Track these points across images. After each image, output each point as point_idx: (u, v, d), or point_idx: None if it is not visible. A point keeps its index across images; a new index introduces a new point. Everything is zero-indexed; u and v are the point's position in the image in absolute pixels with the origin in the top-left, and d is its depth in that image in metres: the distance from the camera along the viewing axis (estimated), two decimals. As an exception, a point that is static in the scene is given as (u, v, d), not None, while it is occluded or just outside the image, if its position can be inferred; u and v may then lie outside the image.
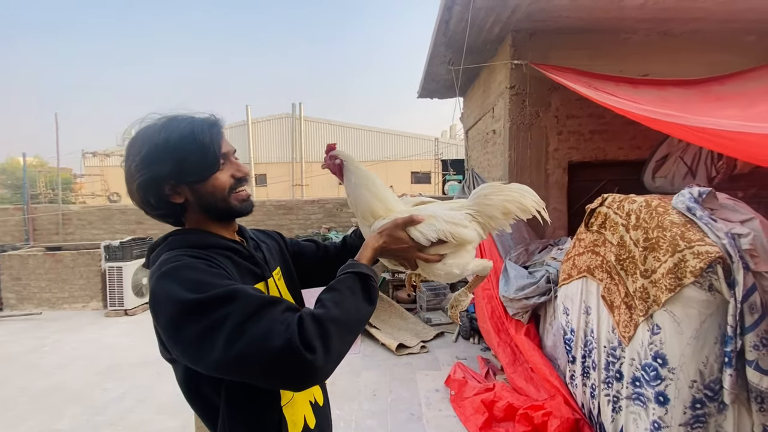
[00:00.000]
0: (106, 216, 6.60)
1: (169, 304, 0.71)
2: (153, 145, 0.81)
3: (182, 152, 0.82)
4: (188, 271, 0.74)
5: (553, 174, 4.09)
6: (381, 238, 0.92)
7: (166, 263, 0.77)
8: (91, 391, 3.31)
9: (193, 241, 0.85)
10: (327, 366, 0.70)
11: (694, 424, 1.70)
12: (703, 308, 1.68)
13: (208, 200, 0.86)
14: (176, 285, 0.71)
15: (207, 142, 0.83)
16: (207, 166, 0.84)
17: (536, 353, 2.82)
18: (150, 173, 0.81)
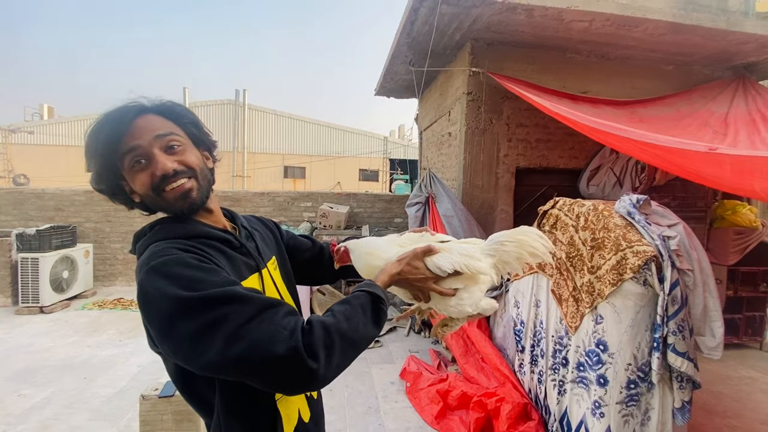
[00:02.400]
0: (17, 200, 5.76)
1: (161, 302, 0.68)
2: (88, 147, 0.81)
3: (94, 160, 0.81)
4: (180, 267, 0.71)
5: (503, 177, 4.36)
6: (399, 265, 0.92)
7: (156, 257, 0.73)
8: (6, 397, 2.89)
9: (181, 231, 0.81)
10: (326, 376, 0.70)
11: (628, 402, 1.95)
12: (638, 300, 1.93)
13: (149, 201, 0.83)
14: (168, 282, 0.69)
15: (104, 152, 0.80)
16: (114, 177, 0.82)
17: (487, 344, 3.01)
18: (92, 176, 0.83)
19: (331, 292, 5.17)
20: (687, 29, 3.57)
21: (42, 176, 15.35)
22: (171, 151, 0.82)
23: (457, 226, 3.93)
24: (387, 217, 6.55)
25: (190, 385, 0.82)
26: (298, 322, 0.71)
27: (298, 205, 6.42)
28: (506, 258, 1.01)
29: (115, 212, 6.02)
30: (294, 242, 1.18)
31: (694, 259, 1.97)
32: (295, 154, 19.96)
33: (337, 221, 5.91)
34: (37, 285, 4.75)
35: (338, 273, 1.19)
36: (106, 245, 6.00)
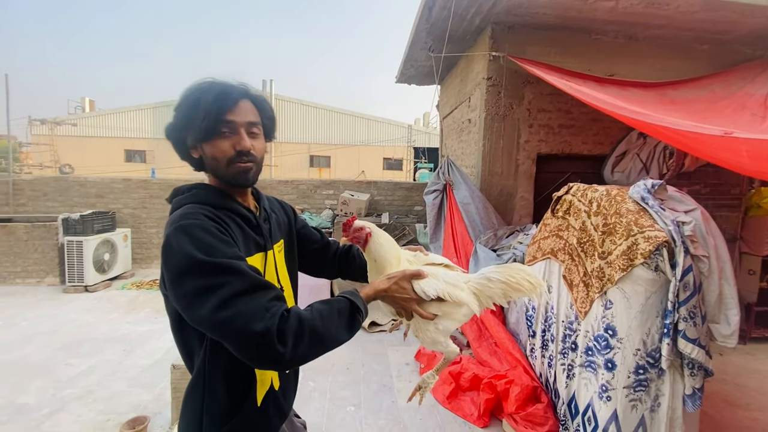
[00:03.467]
0: (63, 187, 6.21)
1: (179, 256, 0.78)
2: (178, 101, 0.93)
3: (189, 112, 0.91)
4: (202, 232, 0.82)
5: (523, 164, 4.30)
6: (388, 283, 0.98)
7: (186, 218, 0.84)
8: (55, 366, 3.21)
9: (213, 200, 0.93)
10: (290, 362, 0.78)
11: (636, 387, 1.95)
12: (649, 286, 1.91)
13: (212, 164, 0.94)
14: (189, 242, 0.79)
15: (206, 108, 0.89)
16: (202, 130, 0.90)
17: (500, 329, 3.04)
18: (173, 122, 0.93)
19: (351, 277, 5.31)
20: (722, 5, 3.36)
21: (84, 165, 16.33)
22: (251, 136, 0.95)
23: (474, 213, 3.94)
24: (407, 205, 6.59)
25: (183, 332, 0.93)
26: (280, 308, 0.80)
27: (320, 193, 6.57)
28: (491, 294, 1.07)
29: (150, 199, 6.38)
30: (305, 231, 1.27)
31: (711, 245, 1.93)
32: (321, 144, 20.21)
33: (358, 208, 6.01)
34: (82, 266, 5.14)
35: (337, 272, 1.30)
36: (143, 230, 6.38)
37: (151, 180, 6.46)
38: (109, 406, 2.68)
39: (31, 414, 2.58)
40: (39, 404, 2.69)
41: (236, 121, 0.92)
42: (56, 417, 2.56)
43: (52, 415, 2.57)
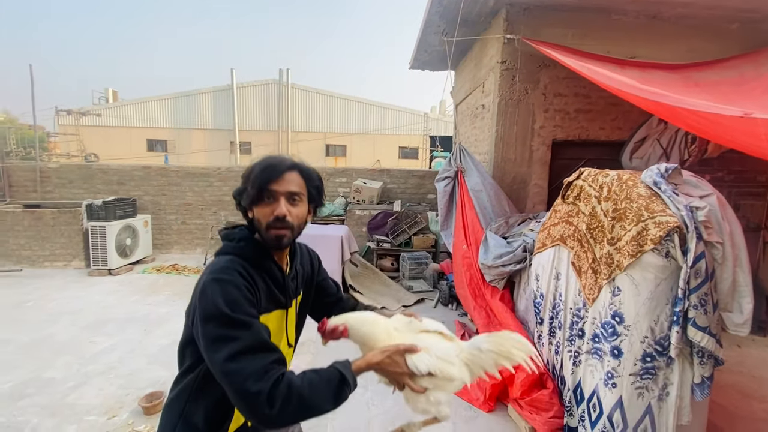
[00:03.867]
0: (86, 175, 6.45)
1: (210, 303, 0.93)
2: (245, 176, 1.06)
3: (244, 180, 1.06)
4: (233, 288, 0.96)
5: (537, 151, 4.22)
6: (381, 356, 1.03)
7: (224, 272, 0.98)
8: (80, 344, 3.38)
9: (252, 258, 1.06)
10: (275, 422, 0.88)
11: (643, 375, 1.92)
12: (659, 273, 1.87)
13: (257, 225, 1.07)
14: (221, 294, 0.94)
15: (254, 178, 1.04)
16: (250, 196, 1.05)
17: (509, 316, 3.03)
18: (237, 190, 1.08)
19: (363, 264, 5.36)
20: (753, -20, 3.17)
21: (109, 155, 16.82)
22: (291, 203, 1.06)
23: (485, 201, 3.90)
24: (420, 193, 6.57)
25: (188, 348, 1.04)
26: (277, 372, 0.91)
27: (334, 181, 6.61)
28: (483, 364, 1.10)
29: (168, 186, 6.55)
30: (324, 284, 1.35)
31: (726, 231, 1.86)
32: (336, 133, 20.22)
33: (370, 196, 6.03)
34: (105, 250, 5.36)
35: None
36: (162, 216, 6.57)
37: (170, 168, 6.63)
38: (129, 382, 2.81)
39: (58, 387, 2.74)
40: (65, 378, 2.85)
41: (277, 191, 1.04)
42: (80, 390, 2.71)
43: (77, 389, 2.73)
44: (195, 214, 6.62)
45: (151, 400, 2.49)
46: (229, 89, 19.06)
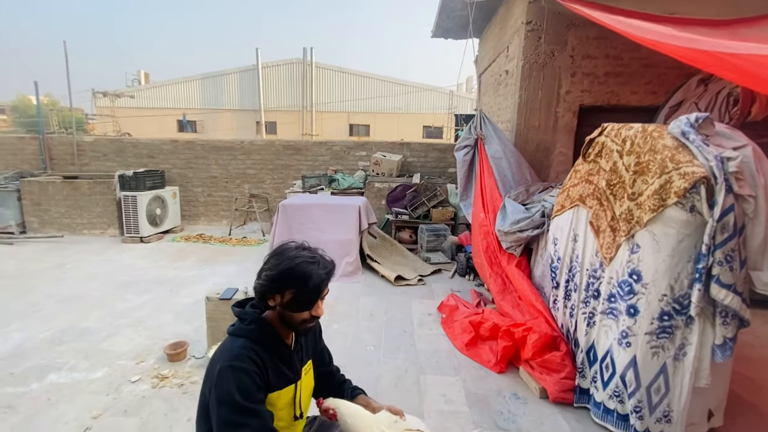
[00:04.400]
0: (118, 149, 6.74)
1: (224, 390, 1.05)
2: (287, 273, 1.12)
3: (298, 291, 1.13)
4: (246, 377, 1.08)
5: (563, 117, 4.04)
6: None
7: (239, 360, 1.09)
8: (113, 300, 3.61)
9: (264, 342, 1.17)
10: None
11: (659, 334, 1.85)
12: (682, 228, 1.77)
13: (287, 318, 1.18)
14: (234, 383, 1.06)
15: (318, 293, 1.15)
16: (302, 308, 1.15)
17: (525, 282, 2.98)
18: (268, 287, 1.14)
19: (381, 235, 5.38)
20: None
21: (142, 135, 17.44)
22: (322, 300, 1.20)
23: (506, 168, 3.79)
24: (440, 166, 6.47)
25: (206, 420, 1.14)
26: None
27: (354, 154, 6.60)
28: None
29: (195, 159, 6.75)
30: (322, 354, 1.45)
31: (760, 185, 1.73)
32: (360, 112, 20.08)
33: (389, 169, 5.99)
34: (137, 219, 5.62)
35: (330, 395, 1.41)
36: (190, 189, 6.80)
37: (196, 142, 6.81)
38: (156, 333, 2.98)
39: (92, 336, 2.94)
40: (98, 329, 3.05)
41: (318, 302, 1.18)
42: (112, 339, 2.90)
43: (109, 338, 2.92)
44: (220, 186, 6.81)
45: (175, 348, 2.64)
46: (254, 69, 19.20)
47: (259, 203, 6.51)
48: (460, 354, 2.80)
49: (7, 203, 6.01)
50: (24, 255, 4.97)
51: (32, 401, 2.19)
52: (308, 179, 6.02)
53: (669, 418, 1.88)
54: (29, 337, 2.90)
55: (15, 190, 6.02)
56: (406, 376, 2.52)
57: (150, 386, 2.35)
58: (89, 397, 2.24)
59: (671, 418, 1.88)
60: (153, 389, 2.33)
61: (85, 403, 2.19)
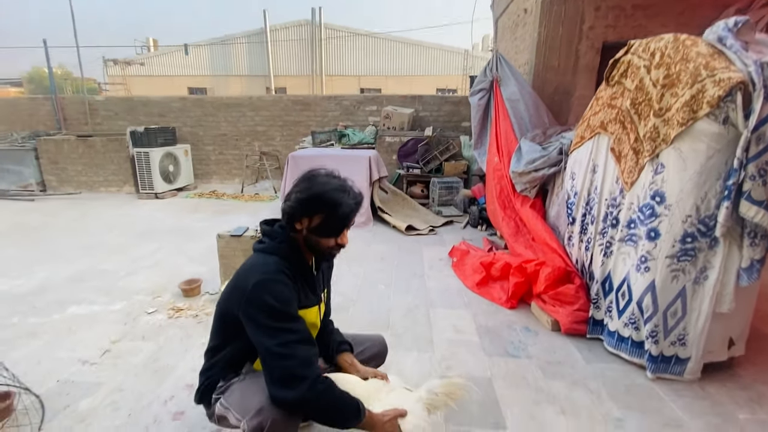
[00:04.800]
0: (129, 107, 6.72)
1: (262, 301, 1.06)
2: (317, 198, 1.12)
3: (327, 216, 1.13)
4: (284, 287, 1.11)
5: (585, 56, 3.80)
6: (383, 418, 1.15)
7: (275, 273, 1.11)
8: (130, 246, 3.69)
9: (292, 260, 1.19)
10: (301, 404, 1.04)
11: (681, 256, 1.77)
12: (713, 142, 1.65)
13: (312, 244, 1.19)
14: (272, 295, 1.07)
15: (346, 222, 1.16)
16: (329, 234, 1.17)
17: (539, 222, 2.90)
18: (298, 210, 1.14)
19: (393, 190, 5.31)
20: None
21: (154, 101, 17.33)
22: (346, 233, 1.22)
23: (522, 111, 3.62)
24: (454, 120, 6.27)
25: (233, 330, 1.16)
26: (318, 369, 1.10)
27: (363, 109, 6.44)
28: (437, 404, 1.27)
29: (204, 117, 6.70)
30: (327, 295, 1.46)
31: (804, 92, 1.57)
32: (371, 75, 19.54)
33: (401, 122, 5.84)
34: (151, 175, 5.67)
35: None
36: (201, 147, 6.80)
37: (205, 99, 6.74)
38: (172, 273, 3.04)
39: (111, 276, 3.02)
40: (117, 270, 3.13)
41: (350, 226, 1.19)
42: (130, 278, 2.98)
43: (127, 277, 3.00)
44: (230, 144, 6.78)
45: (190, 284, 2.69)
46: (262, 33, 18.68)
47: (269, 161, 6.47)
48: (470, 292, 2.78)
49: (26, 162, 6.13)
50: (45, 210, 5.10)
51: (53, 329, 2.27)
52: (318, 135, 5.92)
53: (684, 341, 1.84)
54: (50, 277, 3.00)
55: (32, 149, 6.11)
56: (416, 309, 2.52)
57: (166, 317, 2.42)
58: (108, 326, 2.32)
59: (686, 342, 1.83)
60: (169, 319, 2.39)
61: (104, 330, 2.26)
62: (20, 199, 5.64)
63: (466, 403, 1.69)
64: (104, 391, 1.76)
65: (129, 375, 1.87)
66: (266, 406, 1.03)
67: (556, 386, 1.82)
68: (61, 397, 1.71)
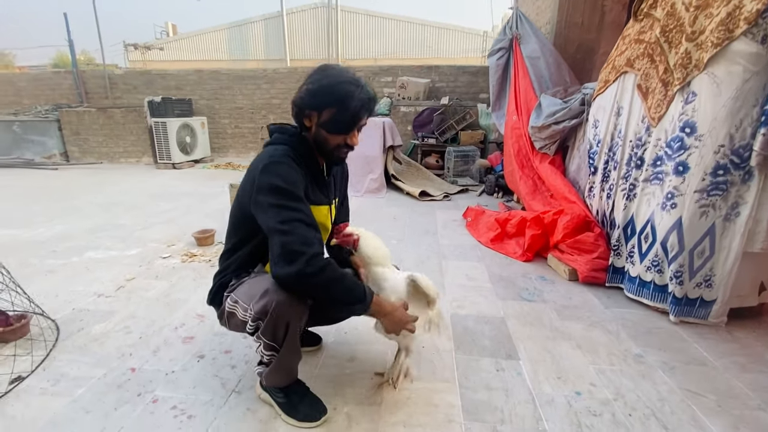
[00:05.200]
0: (147, 81, 6.80)
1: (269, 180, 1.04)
2: (328, 89, 1.08)
3: (337, 110, 1.08)
4: (288, 169, 1.08)
5: (611, 11, 3.61)
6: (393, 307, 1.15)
7: (282, 157, 1.08)
8: (147, 205, 3.75)
9: (301, 152, 1.15)
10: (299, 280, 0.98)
11: (711, 191, 1.67)
12: (750, 64, 1.53)
13: (321, 141, 1.15)
14: (277, 173, 1.05)
15: (356, 119, 1.10)
16: (338, 130, 1.12)
17: (558, 177, 2.80)
18: (308, 102, 1.10)
19: (407, 161, 5.24)
20: None
21: (173, 84, 17.55)
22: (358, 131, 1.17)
23: (543, 69, 3.49)
24: (472, 92, 6.11)
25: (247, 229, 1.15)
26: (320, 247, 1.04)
27: (378, 81, 6.34)
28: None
29: (221, 90, 6.72)
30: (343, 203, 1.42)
31: None
32: (388, 57, 19.27)
33: (416, 92, 5.73)
34: (168, 145, 5.75)
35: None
36: (217, 120, 6.84)
37: (220, 71, 6.75)
38: (186, 227, 3.07)
39: (127, 229, 3.07)
40: (133, 225, 3.18)
41: (359, 125, 1.14)
42: (146, 231, 3.02)
43: (143, 230, 3.04)
44: (246, 117, 6.80)
45: (204, 233, 2.71)
46: (279, 16, 18.60)
47: (284, 134, 6.46)
48: (484, 248, 2.72)
49: (50, 133, 6.29)
50: (68, 177, 5.23)
51: (71, 269, 2.32)
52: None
53: (710, 282, 1.74)
54: (70, 228, 3.07)
55: (55, 120, 6.27)
56: (428, 260, 2.48)
57: (180, 261, 2.44)
58: (123, 267, 2.35)
59: (712, 283, 1.74)
60: (182, 263, 2.41)
61: (119, 270, 2.30)
62: (44, 168, 5.81)
63: (476, 336, 1.66)
64: (117, 318, 1.78)
65: (141, 306, 1.90)
66: (271, 288, 1.01)
67: (573, 326, 1.76)
68: (75, 322, 1.75)
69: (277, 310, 1.00)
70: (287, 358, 1.12)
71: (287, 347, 1.09)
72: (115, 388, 1.33)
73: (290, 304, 1.01)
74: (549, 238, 2.44)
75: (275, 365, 1.12)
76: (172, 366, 1.46)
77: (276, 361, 1.11)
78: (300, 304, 1.04)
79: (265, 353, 1.10)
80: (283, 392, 1.22)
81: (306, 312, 1.09)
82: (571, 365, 1.49)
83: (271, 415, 1.23)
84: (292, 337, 1.08)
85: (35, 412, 1.23)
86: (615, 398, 1.32)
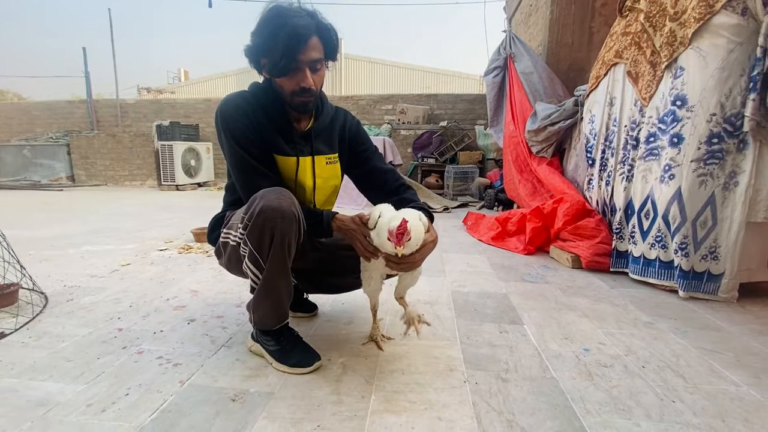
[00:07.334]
0: (157, 109, 7.08)
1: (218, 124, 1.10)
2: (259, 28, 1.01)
3: (270, 51, 1.01)
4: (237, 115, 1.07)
5: (599, 32, 3.82)
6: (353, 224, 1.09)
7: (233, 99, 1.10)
8: (148, 214, 3.77)
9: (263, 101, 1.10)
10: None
11: (708, 159, 1.68)
12: (733, 35, 1.60)
13: (279, 90, 1.08)
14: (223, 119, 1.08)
15: (291, 54, 0.99)
16: (280, 73, 1.03)
17: (556, 176, 2.82)
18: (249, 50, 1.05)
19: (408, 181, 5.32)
20: None
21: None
22: (313, 72, 1.05)
23: (537, 83, 3.63)
24: (469, 119, 6.32)
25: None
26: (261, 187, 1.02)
27: (380, 108, 6.58)
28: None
29: (227, 118, 6.97)
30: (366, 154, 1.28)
31: (827, -22, 1.53)
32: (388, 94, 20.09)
33: (416, 117, 5.92)
34: (173, 167, 5.86)
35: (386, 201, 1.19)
36: (222, 147, 7.02)
37: (228, 101, 7.03)
38: (185, 227, 3.06)
39: (127, 231, 3.06)
40: (135, 227, 3.18)
41: (303, 60, 1.01)
42: (146, 232, 3.01)
43: (144, 231, 3.03)
44: (251, 144, 6.98)
45: (202, 230, 2.69)
46: (286, 60, 19.67)
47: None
48: (485, 245, 2.69)
49: (58, 157, 6.45)
50: (71, 196, 5.30)
51: (67, 258, 2.29)
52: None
53: (716, 254, 1.70)
54: (70, 230, 3.07)
55: (65, 144, 6.45)
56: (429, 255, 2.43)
57: (176, 252, 2.41)
58: (119, 256, 2.32)
59: (718, 255, 1.70)
60: (179, 254, 2.38)
61: (114, 259, 2.27)
62: (50, 189, 5.90)
63: (478, 307, 1.60)
64: (109, 292, 1.73)
65: (134, 283, 1.85)
66: (259, 194, 0.98)
67: (578, 301, 1.70)
68: (65, 295, 1.70)
69: (263, 214, 0.95)
70: (274, 276, 1.03)
71: (273, 262, 1.00)
72: (100, 343, 1.27)
73: (277, 207, 0.95)
74: (550, 231, 2.41)
75: (261, 287, 1.05)
76: (161, 327, 1.40)
77: (262, 281, 1.03)
78: (287, 213, 0.97)
79: (251, 270, 1.03)
80: (274, 339, 1.15)
81: (293, 227, 0.99)
82: (578, 329, 1.42)
83: (262, 364, 1.16)
84: (278, 250, 0.99)
85: (14, 359, 1.17)
86: (626, 354, 1.24)
